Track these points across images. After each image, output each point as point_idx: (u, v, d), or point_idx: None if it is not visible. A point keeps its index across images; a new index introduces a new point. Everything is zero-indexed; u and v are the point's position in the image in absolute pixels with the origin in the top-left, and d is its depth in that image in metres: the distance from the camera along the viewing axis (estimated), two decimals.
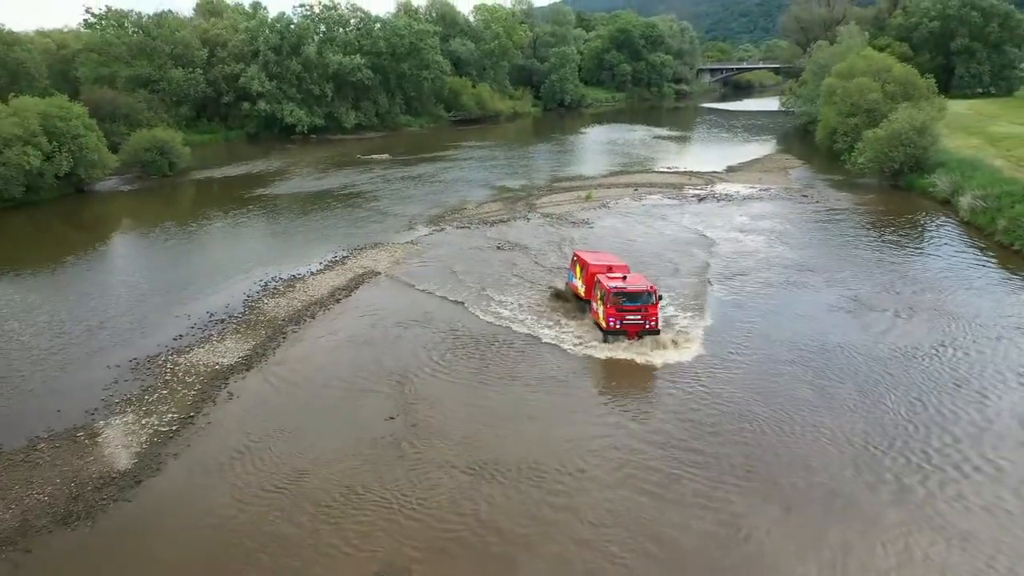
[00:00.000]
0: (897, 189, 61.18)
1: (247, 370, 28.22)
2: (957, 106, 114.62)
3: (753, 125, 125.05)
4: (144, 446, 22.78)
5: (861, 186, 62.89)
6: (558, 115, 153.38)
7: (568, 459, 21.82)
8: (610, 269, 32.37)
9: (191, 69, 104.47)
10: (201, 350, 30.15)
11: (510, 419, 24.41)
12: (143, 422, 24.29)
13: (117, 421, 24.34)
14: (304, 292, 37.28)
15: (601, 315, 30.11)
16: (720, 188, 63.90)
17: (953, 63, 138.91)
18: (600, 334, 30.25)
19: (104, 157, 68.25)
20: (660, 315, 30.31)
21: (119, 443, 22.94)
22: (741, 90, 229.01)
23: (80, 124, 65.60)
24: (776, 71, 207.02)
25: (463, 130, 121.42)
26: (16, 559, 17.92)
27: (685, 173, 71.86)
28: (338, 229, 52.05)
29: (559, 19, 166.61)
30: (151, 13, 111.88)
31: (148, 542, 18.70)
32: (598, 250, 39.07)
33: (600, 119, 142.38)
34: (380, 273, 40.61)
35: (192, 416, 24.64)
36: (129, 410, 25.07)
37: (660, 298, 30.34)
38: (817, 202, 57.71)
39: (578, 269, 34.29)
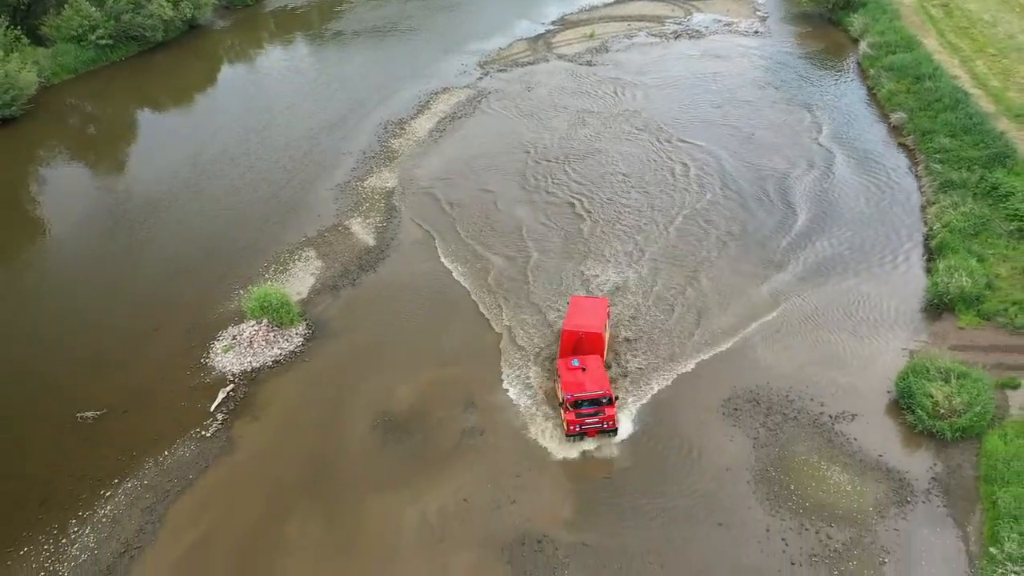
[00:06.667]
0: (831, 24, 79.74)
1: (403, 192, 51.64)
2: None
3: None
4: (376, 233, 46.90)
5: (807, 19, 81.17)
6: None
7: None
8: (580, 339, 33.62)
9: None
10: (372, 178, 53.39)
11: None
12: (367, 221, 48.27)
13: (354, 221, 48.31)
14: (412, 134, 59.57)
15: (563, 418, 31.51)
16: (695, 20, 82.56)
17: None
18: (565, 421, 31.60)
19: None
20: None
21: (363, 232, 47.06)
22: None
23: None
24: None
25: None
26: (353, 284, 42.57)
27: (670, 2, 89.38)
28: (411, 69, 72.63)
29: None
30: None
31: (403, 270, 43.21)
32: (590, 295, 39.53)
33: None
34: (456, 114, 62.53)
35: (390, 217, 48.56)
36: (356, 214, 48.97)
37: (617, 398, 31.97)
38: (765, 36, 77.11)
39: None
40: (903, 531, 27.13)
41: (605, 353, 34.77)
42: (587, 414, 30.97)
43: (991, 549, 25.45)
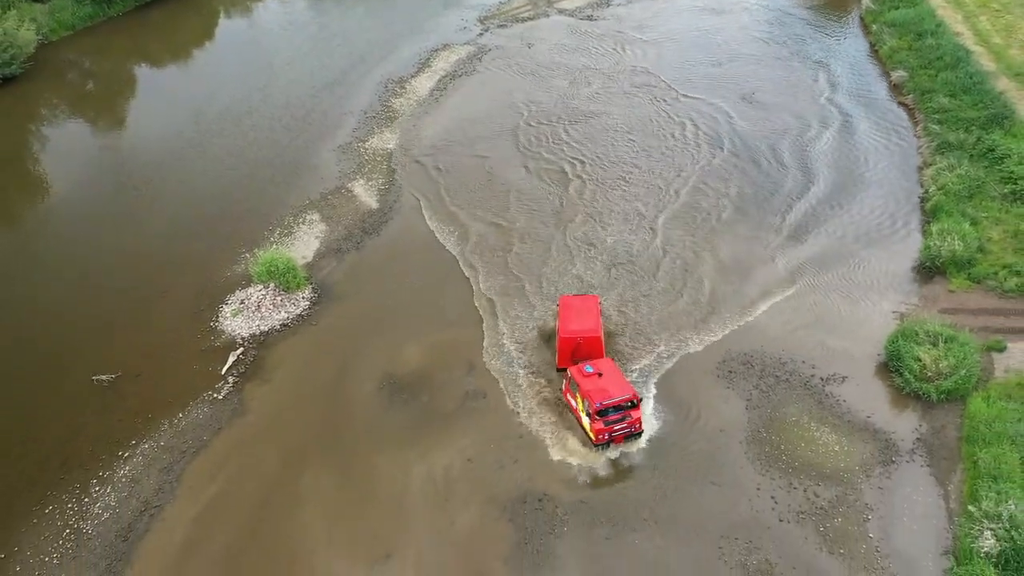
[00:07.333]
0: None
1: (404, 155, 51.95)
2: None
3: None
4: (378, 196, 47.46)
5: None
6: None
7: None
8: (579, 343, 32.91)
9: None
10: (373, 139, 53.67)
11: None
12: (370, 183, 48.76)
13: (357, 183, 48.80)
14: (413, 93, 59.60)
15: (588, 427, 30.56)
16: None
17: None
18: (586, 425, 30.80)
19: None
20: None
21: (366, 195, 47.60)
22: None
23: None
24: None
25: None
26: (357, 248, 43.30)
27: None
28: (411, 24, 72.16)
29: None
30: None
31: (405, 234, 43.92)
32: (582, 294, 37.70)
33: None
34: (457, 72, 62.41)
35: (391, 180, 49.03)
36: (359, 177, 49.45)
37: (641, 400, 31.35)
38: None
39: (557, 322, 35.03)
40: (887, 489, 28.42)
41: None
42: (614, 420, 30.09)
43: (970, 507, 26.71)
